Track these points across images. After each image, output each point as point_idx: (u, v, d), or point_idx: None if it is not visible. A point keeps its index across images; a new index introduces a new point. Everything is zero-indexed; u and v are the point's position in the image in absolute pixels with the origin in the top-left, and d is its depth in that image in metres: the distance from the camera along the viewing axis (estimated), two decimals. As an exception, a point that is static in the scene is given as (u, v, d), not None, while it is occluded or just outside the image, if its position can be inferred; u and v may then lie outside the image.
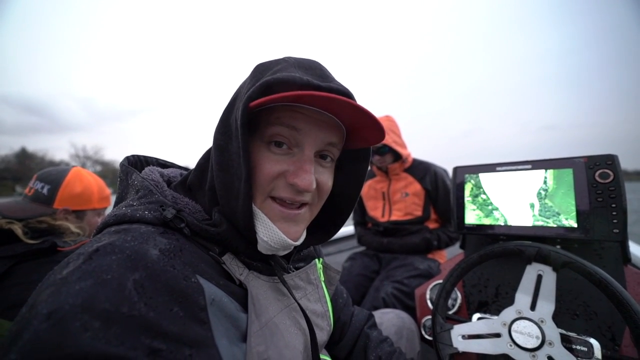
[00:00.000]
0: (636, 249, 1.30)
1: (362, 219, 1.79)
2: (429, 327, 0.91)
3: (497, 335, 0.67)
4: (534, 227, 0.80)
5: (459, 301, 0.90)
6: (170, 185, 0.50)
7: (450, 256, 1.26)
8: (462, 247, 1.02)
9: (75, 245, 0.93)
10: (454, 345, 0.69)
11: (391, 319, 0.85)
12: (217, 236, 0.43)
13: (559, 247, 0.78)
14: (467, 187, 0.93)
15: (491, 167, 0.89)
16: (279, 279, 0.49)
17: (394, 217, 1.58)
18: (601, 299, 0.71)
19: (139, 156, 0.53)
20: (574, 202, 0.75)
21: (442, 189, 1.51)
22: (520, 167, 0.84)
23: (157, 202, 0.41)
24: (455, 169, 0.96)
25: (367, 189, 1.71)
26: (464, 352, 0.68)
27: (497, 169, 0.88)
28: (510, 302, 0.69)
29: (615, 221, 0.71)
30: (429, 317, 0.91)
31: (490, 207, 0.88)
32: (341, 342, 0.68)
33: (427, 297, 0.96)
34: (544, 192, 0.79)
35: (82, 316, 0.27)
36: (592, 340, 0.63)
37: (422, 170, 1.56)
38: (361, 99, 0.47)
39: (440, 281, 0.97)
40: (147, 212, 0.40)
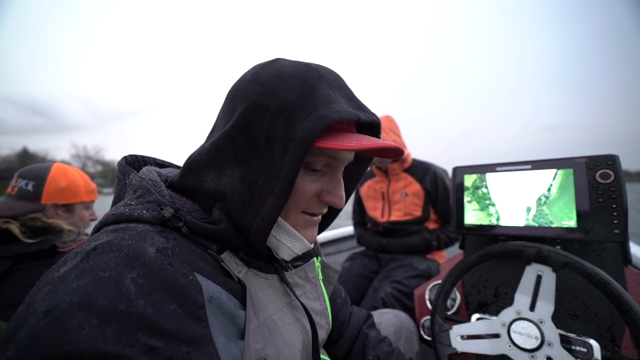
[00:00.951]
0: (637, 250, 1.29)
1: (361, 219, 1.79)
2: (427, 328, 0.90)
3: (496, 335, 0.67)
4: (534, 228, 0.80)
5: (458, 301, 0.89)
6: (167, 184, 0.50)
7: (449, 256, 1.26)
8: (461, 247, 1.01)
9: (74, 245, 0.93)
10: (453, 345, 0.69)
11: (390, 319, 0.84)
12: (216, 234, 0.43)
13: (558, 247, 0.78)
14: (467, 188, 0.93)
15: (491, 167, 0.89)
16: (280, 277, 0.49)
17: (393, 218, 1.57)
18: (601, 299, 0.71)
19: (136, 156, 0.53)
20: (574, 203, 0.75)
21: (442, 190, 1.51)
22: (520, 167, 0.84)
23: (155, 202, 0.41)
24: (454, 169, 0.96)
25: (367, 189, 1.70)
26: (463, 353, 0.68)
27: (497, 169, 0.88)
28: (509, 302, 0.69)
29: (615, 222, 0.71)
30: (428, 317, 0.91)
31: (490, 208, 0.88)
32: (339, 341, 0.68)
33: (426, 297, 0.96)
34: (544, 199, 0.80)
35: (79, 314, 0.27)
36: (591, 341, 0.62)
37: (421, 170, 1.55)
38: (361, 99, 0.47)
39: (439, 281, 0.97)
40: (145, 212, 0.40)
